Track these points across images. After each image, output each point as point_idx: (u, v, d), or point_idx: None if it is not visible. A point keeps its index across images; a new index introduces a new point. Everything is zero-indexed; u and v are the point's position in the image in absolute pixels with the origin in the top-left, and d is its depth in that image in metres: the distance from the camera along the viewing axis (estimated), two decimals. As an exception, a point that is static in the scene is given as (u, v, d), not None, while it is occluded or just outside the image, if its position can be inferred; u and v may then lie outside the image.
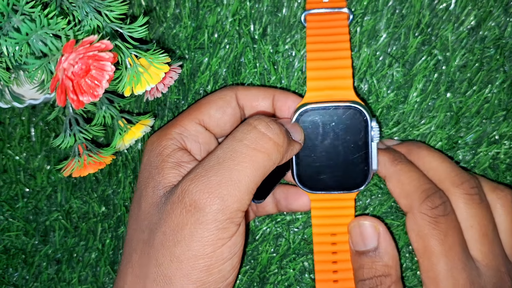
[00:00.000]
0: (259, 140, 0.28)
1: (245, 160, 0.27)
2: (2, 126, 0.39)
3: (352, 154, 0.32)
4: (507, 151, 0.35)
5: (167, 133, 0.32)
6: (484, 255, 0.31)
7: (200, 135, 0.32)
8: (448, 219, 0.30)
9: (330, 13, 0.34)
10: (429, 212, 0.30)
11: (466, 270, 0.30)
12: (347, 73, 0.32)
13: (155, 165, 0.31)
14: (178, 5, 0.37)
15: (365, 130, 0.31)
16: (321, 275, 0.34)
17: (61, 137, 0.33)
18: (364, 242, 0.32)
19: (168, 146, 0.31)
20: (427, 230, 0.30)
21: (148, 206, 0.30)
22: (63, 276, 0.39)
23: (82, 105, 0.25)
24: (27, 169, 0.39)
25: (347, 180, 0.32)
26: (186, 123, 0.32)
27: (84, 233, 0.39)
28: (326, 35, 0.33)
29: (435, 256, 0.30)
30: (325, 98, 0.32)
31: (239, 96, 0.33)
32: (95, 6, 0.28)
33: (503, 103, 0.35)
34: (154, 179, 0.30)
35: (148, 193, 0.30)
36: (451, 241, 0.30)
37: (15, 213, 0.39)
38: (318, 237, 0.34)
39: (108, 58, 0.25)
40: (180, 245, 0.27)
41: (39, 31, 0.25)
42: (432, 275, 0.30)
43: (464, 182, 0.32)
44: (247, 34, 0.36)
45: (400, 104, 0.36)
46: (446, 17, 0.35)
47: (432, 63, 0.35)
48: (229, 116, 0.33)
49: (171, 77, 0.32)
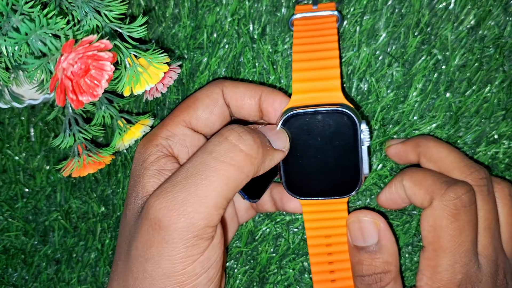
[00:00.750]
0: (229, 152, 0.27)
1: (213, 174, 0.26)
2: (2, 126, 0.39)
3: (342, 159, 0.31)
4: (506, 151, 0.35)
5: (153, 139, 0.31)
6: (484, 247, 0.31)
7: (188, 138, 0.31)
8: (469, 212, 0.30)
9: (318, 17, 0.33)
10: (451, 204, 0.29)
11: (468, 266, 0.30)
12: (335, 73, 0.31)
13: (138, 173, 0.30)
14: (177, 5, 0.37)
15: (354, 134, 0.30)
16: (318, 276, 0.34)
17: (61, 137, 0.33)
18: (364, 238, 0.32)
19: (152, 153, 0.30)
20: (445, 223, 0.29)
21: (130, 215, 0.29)
22: (62, 276, 0.39)
23: (81, 105, 0.25)
24: (27, 169, 0.39)
25: (338, 185, 0.32)
26: (173, 127, 0.31)
27: (84, 233, 0.39)
28: (313, 37, 0.32)
29: (443, 250, 0.30)
30: (312, 101, 0.31)
31: (225, 93, 0.32)
32: (94, 6, 0.28)
33: (502, 103, 0.35)
34: (135, 188, 0.30)
35: (131, 202, 0.30)
36: (464, 238, 0.30)
37: (14, 213, 0.39)
38: (312, 240, 0.34)
39: (107, 58, 0.25)
40: (151, 262, 0.26)
41: (39, 31, 0.25)
42: (432, 264, 0.30)
43: (473, 172, 0.31)
44: (246, 34, 0.36)
45: (399, 104, 0.36)
46: (446, 16, 0.35)
47: (432, 63, 0.35)
48: (217, 115, 0.32)
49: (170, 77, 0.32)
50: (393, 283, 0.31)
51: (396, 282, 0.31)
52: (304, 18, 0.33)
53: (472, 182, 0.31)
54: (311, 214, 0.34)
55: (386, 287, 0.31)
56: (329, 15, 0.33)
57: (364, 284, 0.32)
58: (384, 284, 0.31)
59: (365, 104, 0.36)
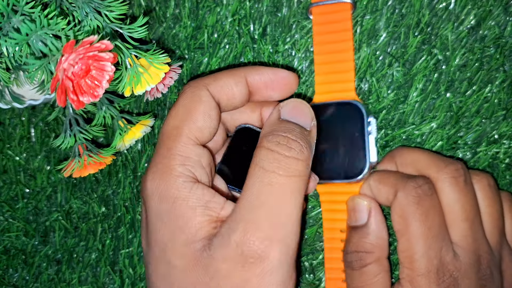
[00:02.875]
0: (290, 165, 0.27)
1: (286, 192, 0.27)
2: (2, 127, 0.39)
3: (351, 147, 0.34)
4: (507, 151, 0.35)
5: (170, 169, 0.28)
6: (462, 238, 0.31)
7: (202, 158, 0.29)
8: (431, 199, 0.30)
9: (334, 6, 0.34)
10: (413, 191, 0.30)
11: (442, 251, 0.30)
12: (350, 76, 0.34)
13: (176, 214, 0.27)
14: (178, 5, 0.37)
15: (361, 124, 0.33)
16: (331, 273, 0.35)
17: (61, 138, 0.33)
18: (355, 217, 0.33)
19: (181, 187, 0.27)
20: (410, 210, 0.30)
21: (184, 263, 0.27)
22: (63, 276, 0.39)
23: (82, 105, 0.25)
24: (27, 170, 0.39)
25: (348, 169, 0.34)
26: (184, 149, 0.28)
27: (84, 234, 0.39)
28: (330, 33, 0.35)
29: (414, 237, 0.30)
30: (330, 99, 0.34)
31: (212, 92, 0.30)
32: (95, 7, 0.28)
33: (503, 103, 0.35)
34: (183, 232, 0.27)
35: (178, 248, 0.27)
36: (431, 222, 0.30)
37: (15, 213, 0.39)
38: (328, 233, 0.35)
39: (108, 58, 0.25)
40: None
41: (39, 32, 0.25)
42: (409, 254, 0.30)
43: (448, 165, 0.31)
44: (247, 34, 0.36)
45: (400, 104, 0.36)
46: (446, 16, 0.35)
47: (432, 63, 0.35)
48: (215, 118, 0.30)
49: (171, 77, 0.32)
50: (375, 264, 0.31)
51: (380, 265, 0.31)
52: (321, 9, 0.35)
53: (448, 174, 0.31)
54: (327, 204, 0.35)
55: (367, 267, 0.31)
56: (344, 2, 0.34)
57: (347, 261, 0.32)
58: (364, 263, 0.31)
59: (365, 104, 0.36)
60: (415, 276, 0.30)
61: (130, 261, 0.38)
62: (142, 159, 0.38)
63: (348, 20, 0.34)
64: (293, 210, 0.27)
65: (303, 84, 0.36)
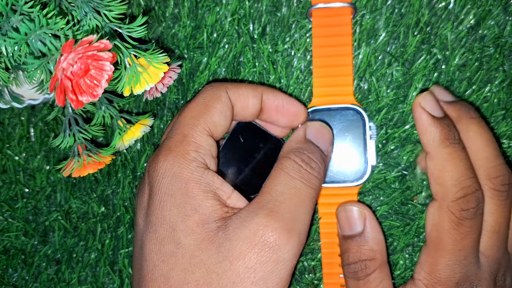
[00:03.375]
0: (311, 179, 0.30)
1: (306, 197, 0.29)
2: (2, 126, 0.39)
3: (352, 151, 0.35)
4: (506, 150, 0.35)
5: (185, 153, 0.29)
6: (489, 248, 0.31)
7: (213, 149, 0.30)
8: (473, 222, 0.30)
9: (335, 10, 0.35)
10: (457, 213, 0.30)
11: (468, 267, 0.30)
12: (348, 80, 0.35)
13: (189, 195, 0.28)
14: (177, 5, 0.37)
15: (363, 129, 0.34)
16: (329, 278, 0.35)
17: (61, 137, 0.33)
18: (350, 226, 0.33)
19: (194, 171, 0.29)
20: (447, 227, 0.30)
21: (195, 243, 0.27)
22: (62, 276, 0.39)
23: (81, 105, 0.25)
24: (27, 169, 0.39)
25: (348, 173, 0.35)
26: (199, 138, 0.30)
27: (84, 233, 0.39)
28: (330, 36, 0.35)
29: (444, 251, 0.30)
30: (329, 103, 0.35)
31: (230, 95, 0.31)
32: (94, 6, 0.28)
33: (502, 102, 0.35)
34: (196, 212, 0.28)
35: (191, 227, 0.28)
36: (466, 244, 0.30)
37: (14, 213, 0.39)
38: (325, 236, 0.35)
39: (107, 57, 0.25)
40: (258, 284, 0.27)
41: (38, 31, 0.25)
42: (432, 261, 0.31)
43: (498, 176, 0.31)
44: (246, 34, 0.36)
45: (399, 104, 0.36)
46: (445, 16, 0.35)
47: (432, 62, 0.35)
48: (229, 119, 0.31)
49: (170, 76, 0.32)
50: (379, 270, 0.31)
51: (382, 270, 0.32)
52: (321, 12, 0.35)
53: (493, 186, 0.31)
54: (325, 207, 0.35)
55: (372, 275, 0.31)
56: (344, 7, 0.34)
57: (350, 272, 0.32)
58: (369, 271, 0.31)
59: (365, 103, 0.36)
60: (433, 283, 0.31)
61: (129, 260, 0.38)
62: (141, 159, 0.38)
63: (348, 25, 0.34)
64: (308, 213, 0.29)
65: (301, 84, 0.36)
